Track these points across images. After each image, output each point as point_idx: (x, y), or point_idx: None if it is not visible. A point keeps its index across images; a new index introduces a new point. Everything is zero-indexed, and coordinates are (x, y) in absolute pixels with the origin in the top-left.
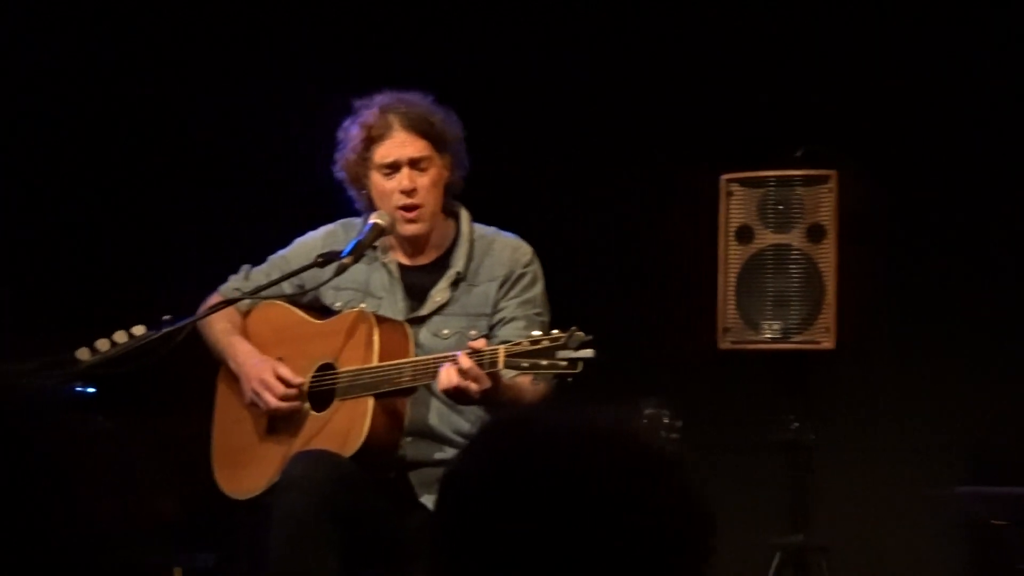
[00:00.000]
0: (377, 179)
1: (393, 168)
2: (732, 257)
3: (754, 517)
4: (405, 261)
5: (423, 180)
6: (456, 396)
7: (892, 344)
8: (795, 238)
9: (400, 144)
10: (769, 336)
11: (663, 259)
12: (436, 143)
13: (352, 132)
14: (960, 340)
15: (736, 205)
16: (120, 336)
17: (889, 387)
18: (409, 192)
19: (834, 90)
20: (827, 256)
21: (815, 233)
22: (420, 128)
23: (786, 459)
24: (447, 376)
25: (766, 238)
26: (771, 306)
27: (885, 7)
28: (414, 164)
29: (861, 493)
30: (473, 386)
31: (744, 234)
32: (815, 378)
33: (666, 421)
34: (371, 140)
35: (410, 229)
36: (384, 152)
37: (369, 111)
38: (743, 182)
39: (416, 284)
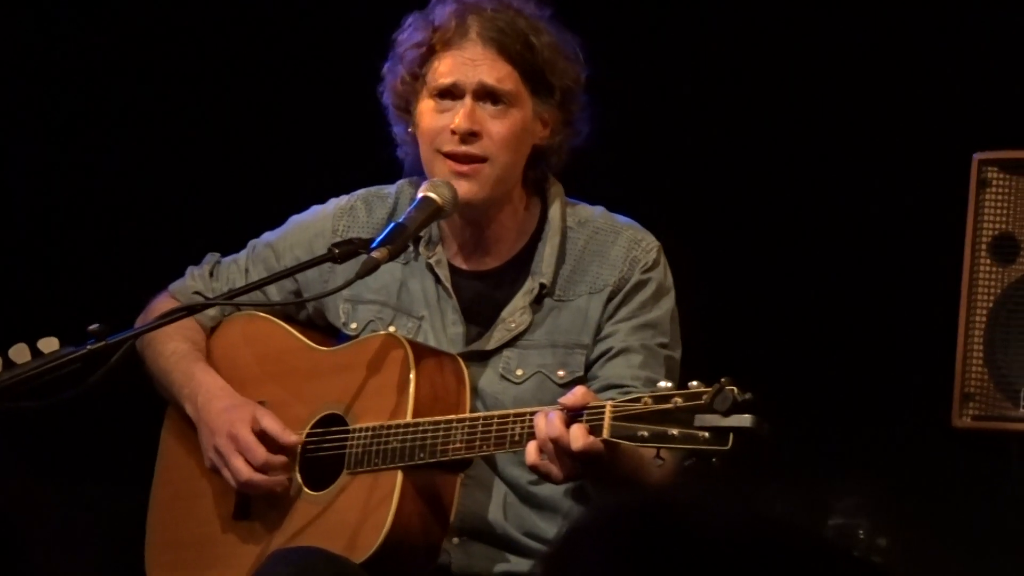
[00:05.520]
0: (424, 110)
1: (450, 95)
2: (984, 282)
3: None
4: (461, 263)
5: (496, 126)
6: (547, 469)
7: None
8: None
9: (469, 61)
10: None
11: (868, 281)
12: (531, 77)
13: (413, 36)
14: None
15: (994, 200)
16: (19, 352)
17: None
18: (465, 136)
19: None
20: None
21: None
22: (509, 46)
23: None
24: (546, 427)
25: None
26: None
27: None
28: (485, 96)
29: None
30: (556, 464)
31: (1005, 247)
32: None
33: (863, 536)
34: (431, 50)
35: (458, 188)
36: (443, 68)
37: (444, 7)
38: (1005, 165)
39: (478, 298)
